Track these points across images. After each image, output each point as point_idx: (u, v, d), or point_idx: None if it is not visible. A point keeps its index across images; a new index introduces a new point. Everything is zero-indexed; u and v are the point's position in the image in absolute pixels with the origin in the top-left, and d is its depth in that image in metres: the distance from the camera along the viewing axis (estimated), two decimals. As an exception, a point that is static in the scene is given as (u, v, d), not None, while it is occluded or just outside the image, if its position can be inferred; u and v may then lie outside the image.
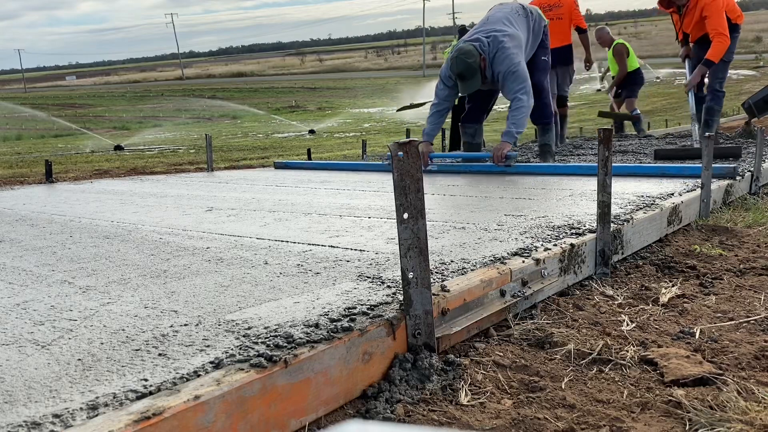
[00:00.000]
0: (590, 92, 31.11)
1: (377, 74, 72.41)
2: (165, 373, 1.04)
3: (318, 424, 1.12)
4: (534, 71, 4.74)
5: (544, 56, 4.93)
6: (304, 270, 1.73)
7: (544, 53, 4.94)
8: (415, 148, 1.22)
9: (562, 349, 1.43)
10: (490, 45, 4.47)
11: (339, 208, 2.89)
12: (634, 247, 2.30)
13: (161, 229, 2.50)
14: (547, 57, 4.97)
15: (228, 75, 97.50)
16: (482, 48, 4.46)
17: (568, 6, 6.43)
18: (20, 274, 1.81)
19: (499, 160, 4.38)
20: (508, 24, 4.64)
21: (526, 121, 4.54)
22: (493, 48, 4.46)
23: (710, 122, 5.71)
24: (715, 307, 1.74)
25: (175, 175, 5.62)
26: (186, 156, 10.47)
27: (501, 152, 4.37)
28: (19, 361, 1.12)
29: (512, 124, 4.45)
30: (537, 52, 4.87)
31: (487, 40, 4.48)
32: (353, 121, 21.63)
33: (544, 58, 4.93)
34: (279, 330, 1.22)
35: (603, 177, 1.97)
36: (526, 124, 4.59)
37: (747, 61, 44.77)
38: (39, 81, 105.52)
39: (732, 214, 3.05)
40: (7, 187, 4.75)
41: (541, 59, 4.91)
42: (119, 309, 1.42)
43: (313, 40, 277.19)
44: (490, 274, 1.59)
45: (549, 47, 5.00)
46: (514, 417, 1.13)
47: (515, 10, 4.81)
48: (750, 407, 1.11)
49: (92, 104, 39.17)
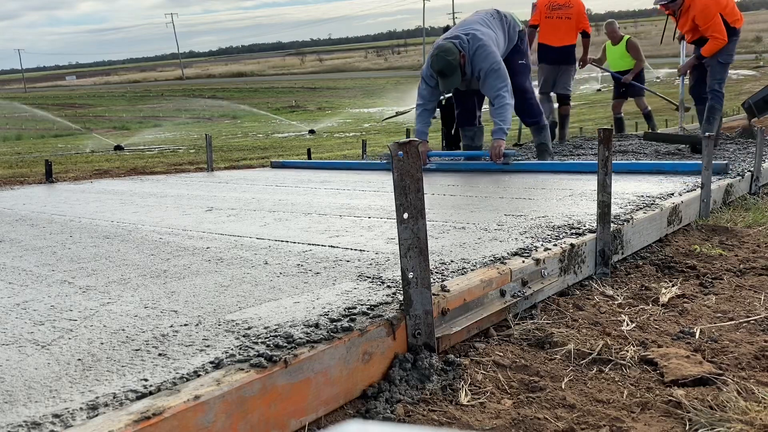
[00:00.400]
0: (590, 92, 31.13)
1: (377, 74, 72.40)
2: (165, 373, 1.04)
3: (318, 424, 1.12)
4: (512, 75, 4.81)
5: (521, 60, 4.99)
6: (304, 270, 1.73)
7: (521, 57, 4.99)
8: (415, 148, 1.22)
9: (562, 349, 1.43)
10: (469, 42, 4.51)
11: (339, 208, 2.89)
12: (634, 247, 2.30)
13: (161, 229, 2.50)
14: (525, 60, 5.02)
15: (228, 75, 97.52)
16: (462, 45, 4.51)
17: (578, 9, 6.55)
18: (20, 274, 1.81)
19: (497, 158, 4.46)
20: (484, 25, 4.72)
21: (510, 117, 4.61)
22: (473, 45, 4.50)
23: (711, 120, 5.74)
24: (715, 307, 1.74)
25: (175, 175, 5.62)
26: (186, 156, 10.47)
27: (498, 150, 4.47)
28: (19, 361, 1.12)
29: (500, 121, 4.52)
30: (513, 57, 4.93)
31: (466, 38, 4.53)
32: (353, 121, 21.62)
33: (521, 62, 4.98)
34: (279, 330, 1.22)
35: (603, 177, 1.97)
36: (511, 120, 4.67)
37: (747, 61, 44.75)
38: (39, 81, 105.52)
39: (732, 214, 3.05)
40: (7, 187, 4.75)
41: (519, 63, 4.96)
42: (119, 309, 1.42)
43: (313, 40, 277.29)
44: (490, 274, 1.59)
45: (526, 52, 5.06)
46: (514, 417, 1.13)
47: (490, 13, 4.91)
48: (750, 407, 1.11)
49: (92, 104, 39.17)
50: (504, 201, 2.94)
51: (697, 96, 6.07)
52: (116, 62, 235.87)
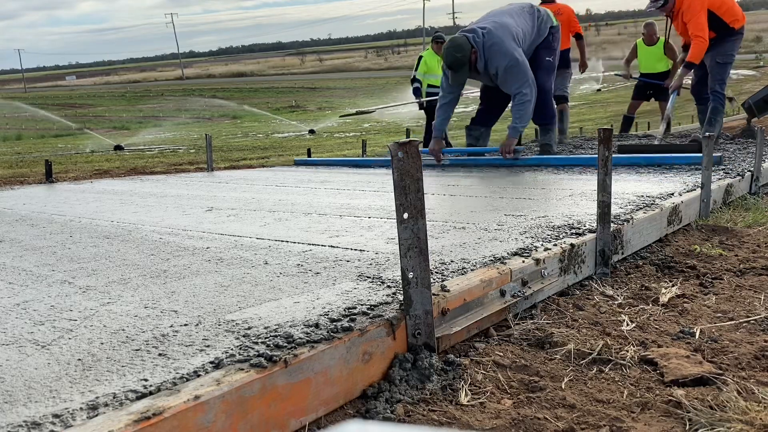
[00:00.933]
0: (590, 92, 31.12)
1: (377, 74, 72.38)
2: (165, 373, 1.04)
3: (318, 424, 1.12)
4: (537, 70, 4.75)
5: (549, 57, 4.91)
6: (304, 270, 1.73)
7: (549, 54, 4.91)
8: (415, 148, 1.22)
9: (562, 349, 1.43)
10: (485, 37, 4.47)
11: (339, 208, 2.89)
12: (634, 247, 2.30)
13: (161, 229, 2.50)
14: (552, 58, 4.94)
15: (228, 75, 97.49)
16: (475, 40, 4.47)
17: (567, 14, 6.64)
18: (20, 274, 1.81)
19: (507, 153, 4.59)
20: (508, 17, 4.66)
21: (530, 114, 4.60)
22: (488, 41, 4.46)
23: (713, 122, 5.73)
24: (715, 307, 1.74)
25: (175, 175, 5.62)
26: (186, 156, 10.47)
27: (509, 147, 4.59)
28: (19, 361, 1.12)
29: (517, 119, 4.55)
30: (541, 52, 4.86)
31: (482, 32, 4.49)
32: (353, 121, 21.63)
33: (548, 59, 4.91)
34: (279, 330, 1.22)
35: (603, 177, 1.97)
36: (530, 117, 4.66)
37: (747, 61, 44.75)
38: (39, 81, 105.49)
39: (732, 214, 3.05)
40: (7, 187, 4.75)
41: (546, 59, 4.89)
42: (119, 309, 1.42)
43: (313, 40, 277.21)
44: (490, 274, 1.59)
45: (556, 49, 4.97)
46: (514, 417, 1.13)
47: (522, 7, 4.86)
48: (750, 407, 1.11)
49: (92, 104, 39.16)
50: (504, 201, 2.94)
51: (698, 95, 6.03)
52: (116, 62, 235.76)
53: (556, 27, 4.95)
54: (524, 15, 4.76)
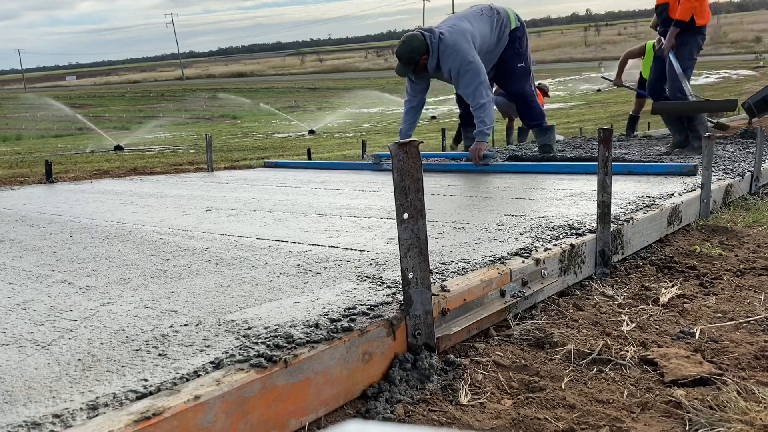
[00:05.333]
0: (590, 92, 31.12)
1: (377, 74, 72.37)
2: (165, 373, 1.04)
3: (318, 424, 1.12)
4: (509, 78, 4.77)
5: (520, 63, 4.90)
6: (304, 270, 1.73)
7: (519, 60, 4.89)
8: (415, 149, 1.22)
9: (562, 349, 1.43)
10: (440, 38, 4.46)
11: (339, 208, 2.89)
12: (634, 247, 2.30)
13: (161, 229, 2.50)
14: (524, 63, 4.92)
15: (228, 75, 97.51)
16: (431, 39, 4.47)
17: None
18: (20, 274, 1.81)
19: (477, 160, 4.48)
20: (465, 21, 4.66)
21: (491, 114, 4.57)
22: (442, 42, 4.45)
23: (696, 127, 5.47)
24: (715, 307, 1.74)
25: (175, 175, 5.62)
26: (186, 156, 10.46)
27: (479, 153, 4.48)
28: (19, 361, 1.12)
29: (480, 123, 4.51)
30: (510, 60, 4.86)
31: (438, 33, 4.49)
32: (353, 121, 21.62)
33: (520, 65, 4.90)
34: (279, 330, 1.22)
35: (603, 177, 1.97)
36: (493, 117, 4.63)
37: (747, 61, 44.74)
38: (39, 81, 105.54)
39: (732, 214, 3.05)
40: (7, 187, 4.75)
41: (517, 66, 4.90)
42: (119, 309, 1.42)
43: (313, 40, 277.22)
44: (490, 274, 1.59)
45: (524, 54, 4.93)
46: (514, 417, 1.13)
47: (480, 10, 4.84)
48: (750, 407, 1.11)
49: (92, 104, 39.16)
50: (504, 201, 2.94)
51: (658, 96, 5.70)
52: (116, 62, 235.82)
53: (520, 28, 4.90)
54: (483, 19, 4.74)
